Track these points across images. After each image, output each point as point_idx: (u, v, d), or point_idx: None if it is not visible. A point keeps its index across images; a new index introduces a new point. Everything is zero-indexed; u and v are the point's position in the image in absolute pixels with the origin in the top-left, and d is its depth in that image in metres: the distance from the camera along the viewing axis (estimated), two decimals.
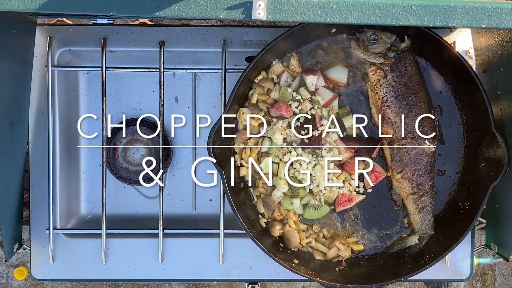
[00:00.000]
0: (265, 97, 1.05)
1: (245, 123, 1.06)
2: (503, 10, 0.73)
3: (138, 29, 1.12)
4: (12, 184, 1.08)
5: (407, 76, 1.03)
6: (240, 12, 0.72)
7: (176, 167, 1.20)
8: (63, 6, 0.72)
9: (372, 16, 0.73)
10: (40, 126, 1.13)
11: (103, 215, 1.12)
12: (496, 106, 1.02)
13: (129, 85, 1.18)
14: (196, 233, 1.15)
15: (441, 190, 1.09)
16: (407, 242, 1.09)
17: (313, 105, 1.05)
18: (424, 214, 1.07)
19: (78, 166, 1.20)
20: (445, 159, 1.09)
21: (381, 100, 1.03)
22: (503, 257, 1.10)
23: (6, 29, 0.96)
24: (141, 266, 1.15)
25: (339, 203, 1.08)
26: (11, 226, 1.08)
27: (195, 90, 1.18)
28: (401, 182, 1.06)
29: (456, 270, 1.14)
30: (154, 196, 1.21)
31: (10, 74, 1.01)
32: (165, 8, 0.72)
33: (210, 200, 1.20)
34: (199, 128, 1.19)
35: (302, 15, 0.73)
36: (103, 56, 1.10)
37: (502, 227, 1.09)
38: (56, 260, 1.15)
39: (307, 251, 1.10)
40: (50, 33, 1.12)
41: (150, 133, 1.18)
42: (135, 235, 1.16)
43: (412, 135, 1.03)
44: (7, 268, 1.91)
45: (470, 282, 1.97)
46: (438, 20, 0.73)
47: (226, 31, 1.12)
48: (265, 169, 1.06)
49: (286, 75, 1.06)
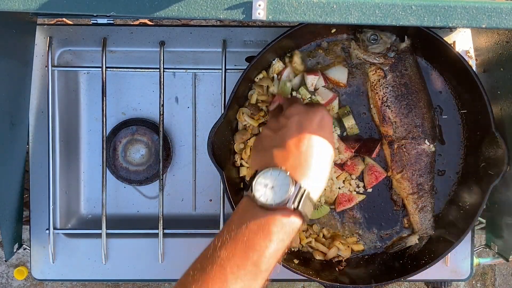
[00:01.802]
0: (265, 97, 1.05)
1: (245, 123, 1.06)
2: (503, 10, 0.73)
3: (138, 29, 1.13)
4: (12, 184, 1.08)
5: (407, 76, 1.03)
6: (240, 12, 0.72)
7: (176, 167, 1.20)
8: (63, 6, 0.72)
9: (372, 16, 0.73)
10: (40, 126, 1.13)
11: (103, 215, 1.12)
12: (496, 106, 1.02)
13: (129, 85, 1.18)
14: (196, 233, 1.16)
15: (441, 190, 1.09)
16: (407, 242, 1.09)
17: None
18: (424, 214, 1.07)
19: (78, 166, 1.20)
20: (445, 159, 1.09)
21: (381, 100, 1.03)
22: (503, 257, 1.10)
23: (6, 29, 0.96)
24: (141, 266, 1.16)
25: (339, 203, 1.08)
26: (11, 226, 1.08)
27: (195, 90, 1.18)
28: (401, 182, 1.06)
29: (456, 270, 1.14)
30: (154, 196, 1.21)
31: (10, 74, 1.01)
32: (165, 8, 0.72)
33: (210, 200, 1.20)
34: (199, 128, 1.19)
35: (302, 15, 0.73)
36: (103, 56, 1.10)
37: (502, 227, 1.09)
38: (56, 260, 1.15)
39: (307, 251, 1.10)
40: (50, 33, 1.12)
41: (150, 133, 1.18)
42: (135, 235, 1.16)
43: (412, 135, 1.03)
44: (7, 268, 1.91)
45: (470, 282, 1.97)
46: (438, 20, 0.73)
47: (226, 31, 1.12)
48: None
49: (289, 70, 1.06)
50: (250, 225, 0.74)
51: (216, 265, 0.73)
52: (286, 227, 0.75)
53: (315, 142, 0.83)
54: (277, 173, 0.78)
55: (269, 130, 0.88)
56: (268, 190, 0.77)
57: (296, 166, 0.79)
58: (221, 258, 0.73)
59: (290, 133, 0.83)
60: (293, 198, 0.76)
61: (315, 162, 0.81)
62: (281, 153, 0.81)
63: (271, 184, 0.77)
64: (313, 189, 0.79)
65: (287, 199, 0.76)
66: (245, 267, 0.73)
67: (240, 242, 0.74)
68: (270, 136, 0.87)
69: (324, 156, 0.83)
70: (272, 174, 0.78)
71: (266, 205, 0.76)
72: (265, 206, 0.76)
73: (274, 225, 0.75)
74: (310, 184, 0.79)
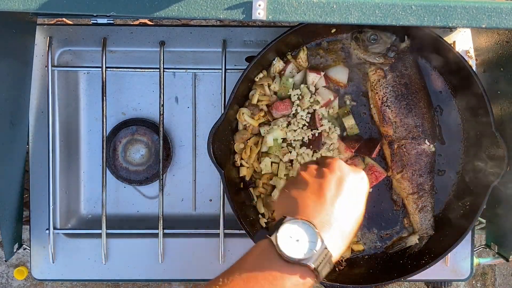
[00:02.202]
0: (265, 97, 1.05)
1: (245, 123, 1.06)
2: (503, 10, 0.73)
3: (138, 29, 1.12)
4: (12, 184, 1.08)
5: (407, 76, 1.03)
6: (240, 12, 0.72)
7: (176, 167, 1.20)
8: (63, 6, 0.72)
9: (372, 16, 0.73)
10: (40, 126, 1.13)
11: (103, 215, 1.12)
12: (496, 106, 1.02)
13: (129, 85, 1.18)
14: (196, 233, 1.16)
15: (441, 190, 1.09)
16: (407, 242, 1.09)
17: (312, 104, 1.04)
18: (424, 214, 1.07)
19: (78, 166, 1.20)
20: (445, 159, 1.09)
21: (381, 100, 1.03)
22: (503, 257, 1.10)
23: (6, 29, 0.96)
24: (141, 266, 1.15)
25: None
26: (11, 226, 1.08)
27: (195, 90, 1.18)
28: (401, 182, 1.06)
29: (456, 270, 1.14)
30: (154, 196, 1.21)
31: (10, 74, 1.01)
32: (165, 8, 0.72)
33: (210, 200, 1.20)
34: (199, 128, 1.19)
35: (302, 15, 0.73)
36: (103, 56, 1.10)
37: (502, 227, 1.09)
38: (56, 260, 1.15)
39: None
40: (50, 33, 1.12)
41: (150, 133, 1.18)
42: (135, 235, 1.16)
43: (412, 135, 1.03)
44: (7, 268, 1.91)
45: (470, 282, 1.97)
46: (438, 20, 0.73)
47: (226, 31, 1.12)
48: (265, 169, 1.06)
49: (292, 66, 1.06)
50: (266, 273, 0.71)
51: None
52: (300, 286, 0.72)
53: (351, 204, 0.80)
54: (306, 226, 0.74)
55: (308, 175, 0.83)
56: (293, 242, 0.73)
57: (325, 224, 0.76)
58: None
59: (329, 186, 0.79)
60: (316, 257, 0.72)
61: (345, 225, 0.78)
62: (315, 204, 0.78)
63: (297, 236, 0.73)
64: (335, 252, 0.75)
65: (310, 257, 0.72)
66: None
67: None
68: (307, 182, 0.82)
69: (354, 221, 0.80)
70: (301, 226, 0.74)
71: (287, 258, 0.72)
72: (285, 258, 0.72)
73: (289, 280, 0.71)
74: (335, 246, 0.76)
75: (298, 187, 0.82)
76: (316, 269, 0.72)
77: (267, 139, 1.05)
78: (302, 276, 0.72)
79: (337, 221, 0.77)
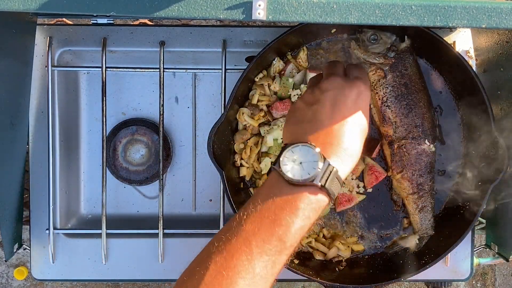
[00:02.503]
0: (265, 97, 1.05)
1: (245, 123, 1.06)
2: (503, 10, 0.73)
3: (138, 29, 1.13)
4: (12, 184, 1.08)
5: (407, 76, 1.03)
6: (240, 12, 0.72)
7: (176, 167, 1.20)
8: (63, 6, 0.72)
9: (372, 16, 0.73)
10: (40, 126, 1.13)
11: (103, 215, 1.12)
12: (496, 106, 1.02)
13: (129, 85, 1.18)
14: (196, 233, 1.16)
15: (441, 190, 1.09)
16: (407, 242, 1.09)
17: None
18: (424, 214, 1.07)
19: (78, 166, 1.20)
20: (445, 159, 1.09)
21: (381, 100, 1.03)
22: (503, 257, 1.10)
23: (6, 29, 0.96)
24: (141, 266, 1.16)
25: (339, 203, 1.08)
26: (11, 226, 1.08)
27: (195, 90, 1.18)
28: (401, 182, 1.06)
29: (456, 270, 1.14)
30: (154, 196, 1.21)
31: (10, 74, 1.01)
32: (165, 8, 0.72)
33: (210, 200, 1.20)
34: (199, 128, 1.19)
35: (302, 15, 0.73)
36: (103, 56, 1.10)
37: (502, 227, 1.09)
38: (56, 260, 1.15)
39: (307, 251, 1.10)
40: (50, 33, 1.12)
41: (150, 133, 1.18)
42: (135, 235, 1.16)
43: (412, 135, 1.03)
44: (7, 268, 1.91)
45: (470, 282, 1.97)
46: (438, 20, 0.73)
47: (226, 31, 1.12)
48: (265, 169, 1.06)
49: (292, 66, 1.06)
50: (277, 200, 0.74)
51: (242, 238, 0.72)
52: (313, 204, 0.74)
53: (348, 120, 0.81)
54: (306, 148, 0.77)
55: (303, 103, 0.85)
56: (296, 165, 0.76)
57: (326, 143, 0.78)
58: (247, 231, 0.72)
59: (323, 109, 0.81)
60: (321, 175, 0.75)
61: (346, 141, 0.79)
62: (312, 129, 0.80)
63: (300, 159, 0.76)
64: (341, 168, 0.78)
65: (315, 176, 0.74)
66: (270, 241, 0.72)
67: (266, 216, 0.73)
68: (303, 109, 0.84)
69: (355, 135, 0.81)
70: (301, 149, 0.77)
71: (293, 181, 0.75)
72: (292, 182, 0.75)
73: (301, 201, 0.74)
74: (339, 162, 0.78)
75: (296, 116, 0.85)
76: (324, 186, 0.75)
77: (267, 139, 1.05)
78: (312, 194, 0.75)
79: (337, 139, 0.79)
